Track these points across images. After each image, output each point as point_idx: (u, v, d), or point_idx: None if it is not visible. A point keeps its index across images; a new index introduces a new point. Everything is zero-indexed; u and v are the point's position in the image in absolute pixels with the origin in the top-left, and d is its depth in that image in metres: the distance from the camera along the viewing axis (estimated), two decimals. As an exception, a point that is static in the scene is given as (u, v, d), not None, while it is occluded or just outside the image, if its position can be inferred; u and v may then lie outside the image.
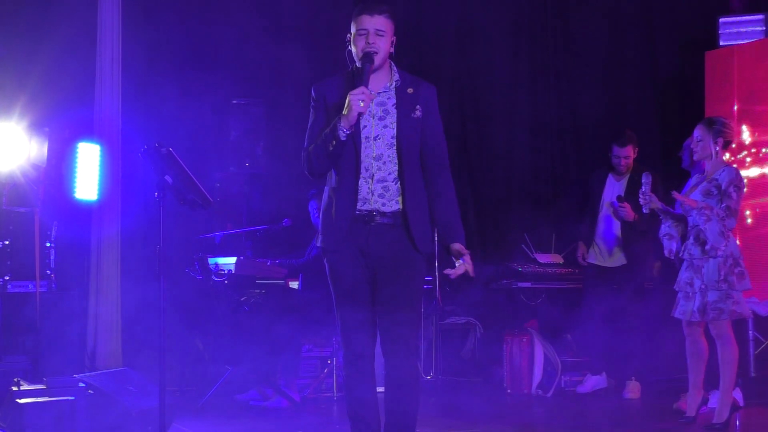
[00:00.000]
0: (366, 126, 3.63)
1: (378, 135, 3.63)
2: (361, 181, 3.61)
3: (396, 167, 3.62)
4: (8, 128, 6.06)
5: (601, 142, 6.96)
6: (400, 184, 3.61)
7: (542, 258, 7.22)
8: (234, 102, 7.25)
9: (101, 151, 6.49)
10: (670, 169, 6.64)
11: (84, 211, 6.53)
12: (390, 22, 3.66)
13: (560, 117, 8.26)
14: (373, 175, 3.61)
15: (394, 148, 3.62)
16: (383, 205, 3.60)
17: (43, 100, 6.31)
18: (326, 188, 3.72)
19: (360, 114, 3.53)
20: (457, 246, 3.64)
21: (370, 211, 3.60)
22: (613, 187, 6.65)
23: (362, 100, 3.50)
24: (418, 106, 3.66)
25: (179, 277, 6.32)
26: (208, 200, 5.18)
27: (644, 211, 5.40)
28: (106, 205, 6.58)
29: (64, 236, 6.32)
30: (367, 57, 3.57)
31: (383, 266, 3.58)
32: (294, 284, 6.72)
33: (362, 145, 3.61)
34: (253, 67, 7.41)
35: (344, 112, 3.53)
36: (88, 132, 6.54)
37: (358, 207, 3.61)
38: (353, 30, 3.64)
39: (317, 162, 3.62)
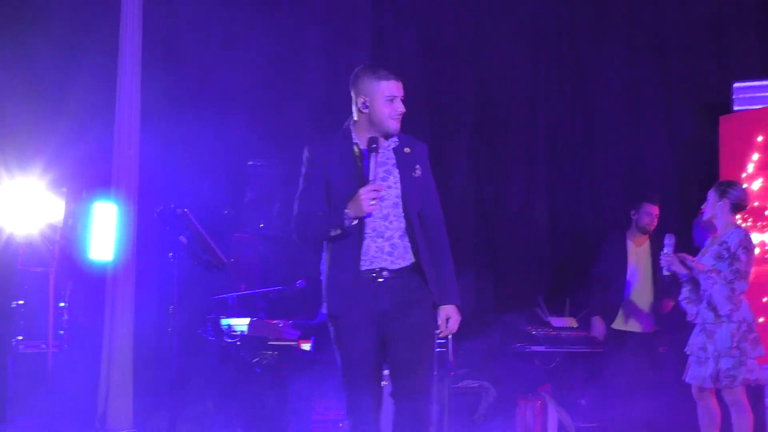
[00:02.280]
0: None
1: (383, 196, 3.64)
2: (368, 241, 3.62)
3: (403, 225, 3.67)
4: (28, 188, 6.12)
5: (619, 202, 6.98)
6: (410, 239, 3.66)
7: (557, 321, 7.20)
8: (250, 164, 7.30)
9: (118, 211, 6.54)
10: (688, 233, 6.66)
11: (99, 271, 6.55)
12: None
13: (578, 178, 8.27)
14: (381, 234, 3.64)
15: (400, 207, 3.66)
16: (392, 263, 3.63)
17: (62, 159, 6.35)
18: (325, 252, 3.72)
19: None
20: (447, 309, 3.68)
21: (379, 269, 3.61)
22: (637, 254, 6.59)
23: (374, 198, 3.54)
24: (417, 166, 3.72)
25: (192, 339, 6.29)
26: (223, 261, 5.44)
27: (664, 273, 5.38)
28: (122, 265, 6.62)
29: (79, 296, 6.33)
30: (373, 147, 3.57)
31: (394, 321, 3.59)
32: (306, 346, 6.67)
33: None
34: (271, 127, 7.45)
35: (353, 206, 3.53)
36: (104, 191, 6.60)
37: (365, 266, 3.62)
38: (379, 92, 3.62)
39: (313, 237, 3.67)
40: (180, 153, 7.05)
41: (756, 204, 6.85)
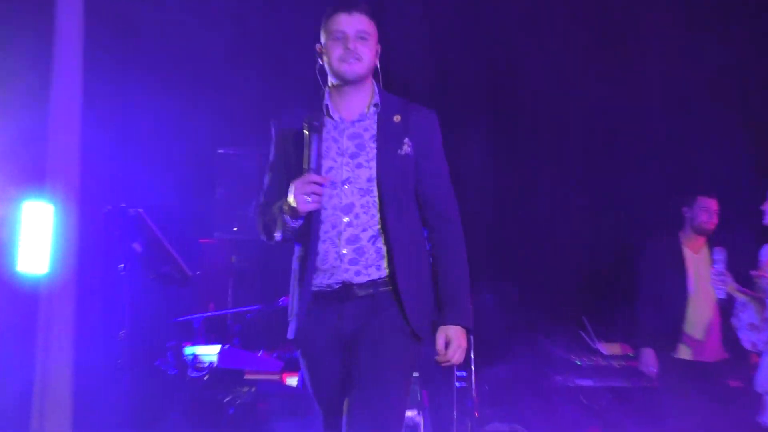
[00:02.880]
0: (332, 168, 3.35)
1: (348, 179, 3.34)
2: (326, 245, 3.33)
3: (375, 222, 3.33)
4: None
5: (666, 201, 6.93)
6: (384, 242, 3.33)
7: (606, 348, 7.09)
8: (220, 152, 7.29)
9: (55, 212, 6.39)
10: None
11: (30, 287, 6.41)
12: (374, 24, 3.47)
13: (623, 172, 8.19)
14: (341, 233, 3.33)
15: (372, 195, 3.34)
16: (357, 274, 3.32)
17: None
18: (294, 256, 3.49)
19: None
20: (448, 331, 3.37)
21: (340, 284, 3.33)
22: (696, 263, 6.45)
23: (309, 195, 3.21)
24: (406, 140, 3.40)
25: (149, 372, 6.29)
26: (186, 274, 5.47)
27: (719, 296, 5.41)
28: (59, 279, 6.44)
29: (4, 319, 6.29)
30: (313, 126, 3.27)
31: (359, 355, 3.29)
32: (292, 380, 6.55)
33: (325, 195, 3.31)
34: (245, 108, 7.41)
35: (288, 203, 3.25)
36: (38, 188, 6.47)
37: (322, 280, 3.35)
38: (324, 37, 3.44)
39: (268, 239, 3.45)
40: (132, 141, 7.13)
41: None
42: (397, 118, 3.43)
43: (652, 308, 6.50)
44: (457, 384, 6.62)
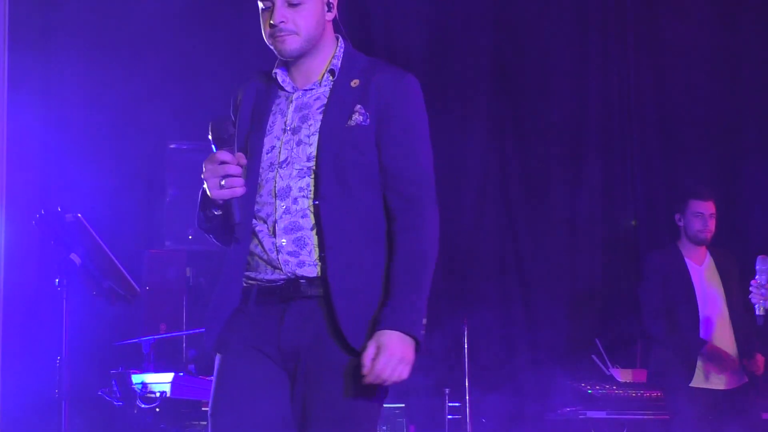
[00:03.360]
0: (273, 147, 3.15)
1: (288, 158, 3.12)
2: (260, 234, 3.11)
3: (314, 206, 3.09)
4: None
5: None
6: (316, 231, 3.07)
7: (622, 375, 7.06)
8: (172, 147, 7.18)
9: None
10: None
11: None
12: None
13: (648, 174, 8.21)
14: (275, 221, 3.09)
15: (310, 175, 3.10)
16: (300, 265, 3.06)
17: None
18: None
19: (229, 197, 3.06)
20: (381, 337, 2.97)
21: (271, 281, 3.09)
22: (700, 276, 6.50)
23: (223, 179, 3.03)
24: (358, 107, 3.11)
25: (90, 403, 6.22)
26: (134, 289, 5.28)
27: (758, 313, 5.30)
28: None
29: None
30: (222, 138, 3.08)
31: (306, 373, 3.04)
32: None
33: (262, 176, 3.13)
34: (198, 95, 7.36)
35: (204, 189, 3.10)
36: None
37: (254, 276, 3.12)
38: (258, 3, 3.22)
39: (202, 229, 3.24)
40: (67, 135, 7.04)
41: None
42: (354, 83, 3.15)
43: (672, 321, 6.53)
44: (449, 416, 6.56)
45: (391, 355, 2.95)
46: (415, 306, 3.00)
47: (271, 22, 3.10)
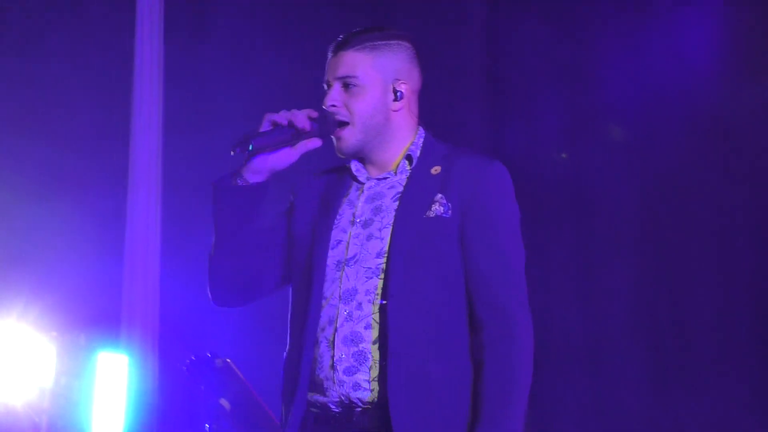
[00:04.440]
0: (340, 241, 2.80)
1: (357, 254, 2.76)
2: (319, 346, 2.73)
3: (378, 315, 2.70)
4: (7, 330, 6.04)
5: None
6: (381, 345, 2.68)
7: None
8: None
9: (130, 364, 6.39)
10: None
11: None
12: (370, 58, 2.84)
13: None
14: (336, 329, 2.71)
15: (378, 278, 2.73)
16: (355, 387, 2.69)
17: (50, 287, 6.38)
18: None
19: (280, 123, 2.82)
20: None
21: (324, 405, 2.72)
22: None
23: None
24: (439, 196, 2.77)
25: None
26: None
27: None
28: None
29: None
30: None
31: None
32: None
33: (326, 272, 2.77)
34: None
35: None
36: (112, 336, 6.50)
37: (309, 397, 2.73)
38: None
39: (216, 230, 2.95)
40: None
41: None
42: (435, 170, 2.82)
43: None
44: None
45: None
46: (511, 428, 2.65)
47: (327, 103, 2.85)
